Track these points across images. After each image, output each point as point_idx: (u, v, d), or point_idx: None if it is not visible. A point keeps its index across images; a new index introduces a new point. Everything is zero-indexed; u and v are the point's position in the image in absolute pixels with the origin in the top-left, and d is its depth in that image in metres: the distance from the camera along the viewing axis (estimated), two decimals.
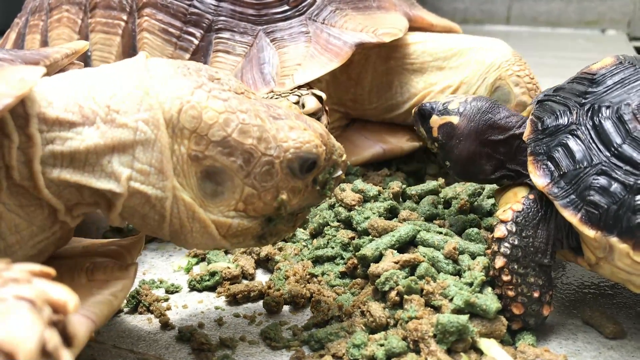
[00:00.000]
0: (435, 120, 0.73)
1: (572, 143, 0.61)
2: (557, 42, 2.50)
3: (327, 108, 0.87)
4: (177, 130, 0.51)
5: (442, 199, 0.82)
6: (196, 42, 0.96)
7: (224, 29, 0.96)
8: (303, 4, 0.96)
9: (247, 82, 0.92)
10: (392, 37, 0.95)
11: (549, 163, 0.62)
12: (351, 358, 0.60)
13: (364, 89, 1.04)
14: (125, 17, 1.04)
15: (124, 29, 1.04)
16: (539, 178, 0.62)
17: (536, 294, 0.63)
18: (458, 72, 0.98)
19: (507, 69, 0.93)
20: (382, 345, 0.59)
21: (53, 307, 0.35)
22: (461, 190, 0.82)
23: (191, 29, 0.97)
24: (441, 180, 0.89)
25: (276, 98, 0.85)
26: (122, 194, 0.51)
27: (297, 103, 0.83)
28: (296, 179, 0.54)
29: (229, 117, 0.52)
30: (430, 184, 0.84)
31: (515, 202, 0.64)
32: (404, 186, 0.83)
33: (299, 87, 0.88)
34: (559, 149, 0.62)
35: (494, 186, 0.81)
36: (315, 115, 0.82)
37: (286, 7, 0.96)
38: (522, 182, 0.69)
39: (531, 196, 0.64)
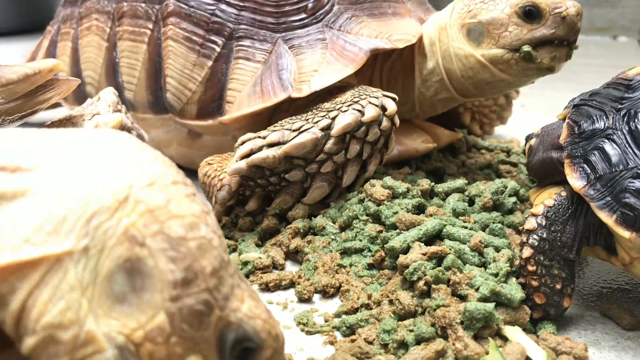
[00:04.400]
0: (527, 145, 0.82)
1: (609, 147, 0.64)
2: None
3: (397, 122, 0.89)
4: (132, 200, 0.41)
5: (467, 197, 0.86)
6: (218, 49, 1.01)
7: (244, 36, 1.00)
8: (320, 12, 1.00)
9: (266, 87, 0.95)
10: (406, 42, 0.98)
11: (586, 166, 0.65)
12: (382, 342, 0.63)
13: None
14: (151, 26, 1.09)
15: (150, 37, 1.08)
16: (575, 180, 0.65)
17: (558, 286, 0.66)
18: None
19: None
20: (411, 330, 0.63)
21: None
22: (484, 188, 0.85)
23: (213, 37, 1.01)
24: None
25: (355, 101, 0.87)
26: None
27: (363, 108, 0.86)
28: (218, 358, 0.41)
29: (199, 224, 0.41)
30: (457, 182, 0.88)
31: (548, 198, 0.68)
32: (432, 184, 0.87)
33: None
34: (596, 152, 0.65)
35: (515, 185, 0.85)
36: (375, 121, 0.85)
37: (304, 15, 1.00)
38: (559, 182, 0.73)
39: (563, 193, 0.67)
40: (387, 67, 1.07)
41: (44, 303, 0.39)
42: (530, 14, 0.88)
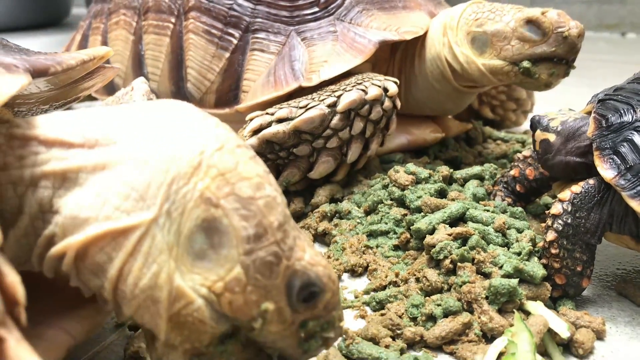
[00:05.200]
0: (538, 135, 0.79)
1: (638, 139, 0.68)
2: None
3: (398, 104, 0.93)
4: (205, 165, 0.44)
5: (483, 185, 0.89)
6: (235, 41, 1.06)
7: (259, 29, 1.05)
8: (332, 6, 1.04)
9: (279, 77, 1.00)
10: (413, 34, 1.02)
11: (615, 157, 0.68)
12: (410, 316, 0.67)
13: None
14: (173, 20, 1.14)
15: (172, 30, 1.14)
16: (606, 171, 0.68)
17: (579, 268, 0.70)
18: None
19: None
20: (439, 305, 0.67)
21: None
22: (503, 172, 0.89)
23: (231, 30, 1.06)
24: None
25: (359, 82, 0.92)
26: (83, 220, 0.44)
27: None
28: (287, 303, 0.44)
29: (264, 184, 0.45)
30: (475, 169, 0.91)
31: (575, 185, 0.71)
32: (451, 170, 0.90)
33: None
34: (625, 144, 0.68)
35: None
36: (377, 101, 0.90)
37: (316, 9, 1.04)
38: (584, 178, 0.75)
39: (591, 181, 0.70)
40: (398, 59, 1.10)
41: (139, 269, 0.43)
42: (534, 31, 0.92)
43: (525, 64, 0.92)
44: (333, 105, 0.88)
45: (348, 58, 0.98)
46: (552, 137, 0.78)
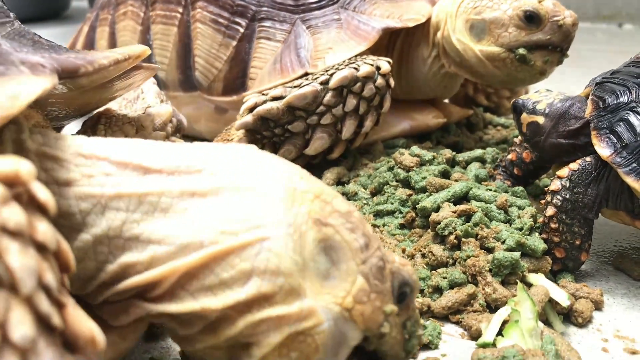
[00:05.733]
0: (525, 118, 0.82)
1: (633, 118, 0.71)
2: (575, 36, 2.59)
3: (391, 83, 0.97)
4: (299, 191, 0.45)
5: (487, 166, 0.92)
6: (242, 30, 1.09)
7: (265, 18, 1.08)
8: None
9: (285, 64, 1.03)
10: (416, 22, 1.06)
11: (612, 136, 0.71)
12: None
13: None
14: (181, 10, 1.16)
15: (180, 20, 1.16)
16: (602, 149, 0.71)
17: (578, 242, 0.73)
18: None
19: None
20: (444, 277, 0.70)
21: (5, 182, 0.33)
22: (502, 156, 0.92)
23: (237, 19, 1.09)
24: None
25: (352, 62, 0.95)
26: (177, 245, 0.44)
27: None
28: (392, 303, 0.47)
29: (350, 209, 0.47)
30: (476, 152, 0.94)
31: (573, 162, 0.74)
32: (454, 153, 0.93)
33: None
34: (621, 123, 0.71)
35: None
36: (370, 79, 0.93)
37: None
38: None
39: (588, 159, 0.73)
40: (399, 47, 1.13)
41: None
42: (531, 19, 0.95)
43: (521, 50, 0.96)
44: (325, 83, 0.92)
45: (352, 45, 1.01)
46: (540, 120, 0.81)
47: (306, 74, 1.00)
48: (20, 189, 0.33)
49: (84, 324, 0.33)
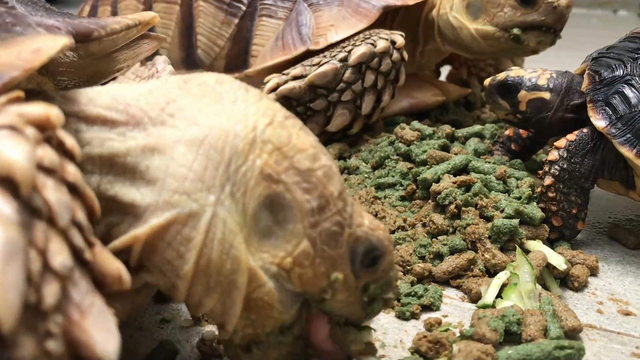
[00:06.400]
0: (525, 95, 0.81)
1: (628, 91, 0.73)
2: (571, 21, 2.62)
3: (405, 56, 0.98)
4: (259, 141, 0.42)
5: (486, 141, 0.94)
6: (244, 8, 1.10)
7: None
8: None
9: (287, 41, 1.05)
10: (415, 0, 1.07)
11: (607, 108, 0.73)
12: (418, 255, 0.72)
13: None
14: None
15: None
16: (598, 121, 0.73)
17: (574, 211, 0.75)
18: None
19: None
20: (445, 244, 0.72)
21: (37, 126, 0.34)
22: (501, 132, 0.94)
23: None
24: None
25: (367, 38, 0.97)
26: (143, 208, 0.41)
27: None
28: (351, 270, 0.45)
29: (318, 154, 0.44)
30: (475, 127, 0.96)
31: (570, 134, 0.76)
32: (453, 129, 0.95)
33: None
34: (616, 96, 0.73)
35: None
36: (386, 53, 0.95)
37: None
38: None
39: (585, 130, 0.75)
40: (397, 26, 1.15)
41: (218, 256, 0.41)
42: (526, 0, 0.97)
43: (516, 31, 0.98)
44: (344, 60, 0.94)
45: (353, 22, 1.02)
46: (546, 95, 0.81)
47: (308, 51, 1.02)
48: (50, 133, 0.34)
49: (111, 263, 0.35)
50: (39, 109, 0.34)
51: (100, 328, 0.31)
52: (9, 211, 0.29)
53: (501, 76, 0.85)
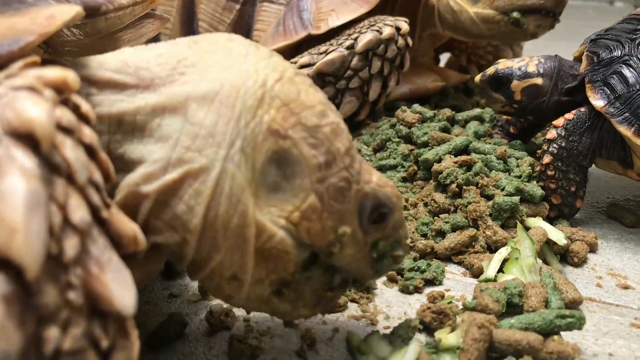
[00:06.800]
0: (518, 85, 0.83)
1: (626, 71, 0.74)
2: (568, 12, 2.63)
3: (410, 42, 0.99)
4: (268, 97, 0.43)
5: (486, 125, 0.96)
6: None
7: None
8: None
9: (288, 27, 1.05)
10: None
11: (605, 88, 0.74)
12: (421, 233, 0.73)
13: None
14: None
15: None
16: (597, 100, 0.74)
17: (573, 189, 0.76)
18: None
19: None
20: (447, 222, 0.73)
21: (54, 88, 0.35)
22: (500, 116, 0.95)
23: None
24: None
25: (372, 25, 0.98)
26: (152, 165, 0.42)
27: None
28: (360, 226, 0.46)
29: (326, 110, 0.44)
30: (475, 111, 0.97)
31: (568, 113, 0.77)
32: (454, 112, 0.97)
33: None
34: (614, 76, 0.74)
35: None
36: (392, 40, 0.96)
37: None
38: None
39: (582, 109, 0.76)
40: (397, 11, 1.16)
41: (225, 211, 0.41)
42: None
43: (515, 14, 0.99)
44: (351, 47, 0.95)
45: (354, 7, 1.03)
46: (539, 81, 0.82)
47: (309, 36, 1.03)
48: (67, 96, 0.35)
49: (127, 223, 0.36)
50: (56, 72, 0.35)
51: (118, 282, 0.32)
52: (31, 165, 0.30)
53: (490, 70, 0.85)
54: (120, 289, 0.32)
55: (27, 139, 0.31)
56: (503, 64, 0.85)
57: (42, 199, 0.29)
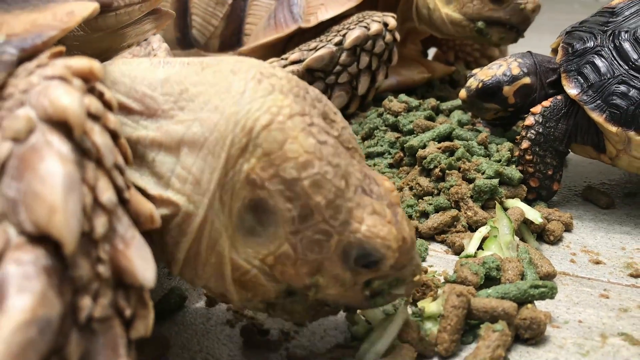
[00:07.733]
0: (509, 90, 0.84)
1: (598, 61, 0.79)
2: (554, 6, 2.66)
3: (397, 37, 1.03)
4: (251, 146, 0.43)
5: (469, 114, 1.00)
6: None
7: None
8: None
9: (279, 20, 1.09)
10: None
11: (579, 77, 0.79)
12: (406, 215, 0.77)
13: None
14: None
15: None
16: (571, 89, 0.79)
17: (550, 172, 0.81)
18: None
19: None
20: (430, 204, 0.77)
21: (81, 77, 0.37)
22: None
23: None
24: None
25: (360, 20, 1.02)
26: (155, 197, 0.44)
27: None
28: (345, 269, 0.45)
29: (312, 161, 0.43)
30: (459, 101, 1.01)
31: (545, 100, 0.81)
32: (439, 102, 1.01)
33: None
34: (587, 66, 0.79)
35: None
36: (379, 35, 1.00)
37: None
38: None
39: (559, 97, 0.81)
40: (381, 6, 1.20)
41: (205, 251, 0.45)
42: None
43: (480, 24, 1.06)
44: (339, 44, 0.99)
45: (343, 1, 1.07)
46: (527, 80, 0.85)
47: (299, 29, 1.06)
48: (93, 84, 0.38)
49: (145, 203, 0.39)
50: (82, 62, 0.38)
51: (141, 257, 0.36)
52: (66, 150, 0.33)
53: (475, 84, 0.86)
54: (143, 263, 0.36)
55: (62, 125, 0.34)
56: (484, 74, 0.86)
57: (77, 181, 0.33)
